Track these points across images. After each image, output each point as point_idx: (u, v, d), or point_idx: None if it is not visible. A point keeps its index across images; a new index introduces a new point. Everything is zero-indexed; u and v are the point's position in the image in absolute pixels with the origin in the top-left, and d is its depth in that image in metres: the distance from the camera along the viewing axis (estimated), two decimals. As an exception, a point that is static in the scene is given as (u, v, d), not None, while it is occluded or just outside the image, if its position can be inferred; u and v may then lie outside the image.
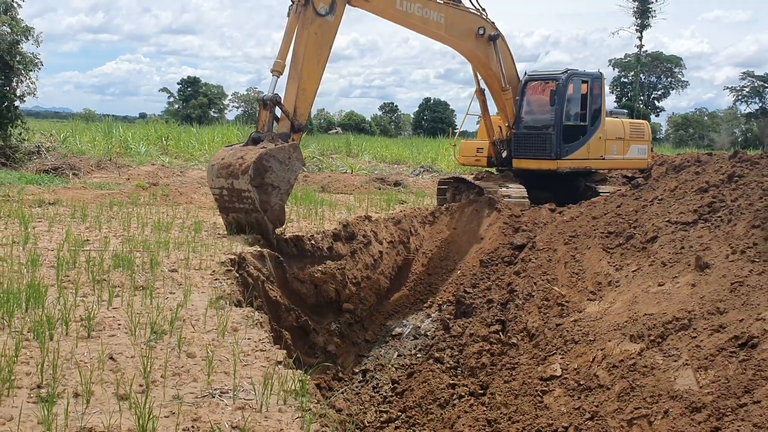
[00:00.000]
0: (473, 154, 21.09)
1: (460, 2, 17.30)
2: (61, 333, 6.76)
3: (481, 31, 17.57)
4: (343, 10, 14.05)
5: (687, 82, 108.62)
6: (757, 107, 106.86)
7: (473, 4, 17.61)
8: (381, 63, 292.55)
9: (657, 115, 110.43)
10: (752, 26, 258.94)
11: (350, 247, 14.00)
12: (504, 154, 19.61)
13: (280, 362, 6.36)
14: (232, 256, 10.52)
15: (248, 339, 7.02)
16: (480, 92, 19.61)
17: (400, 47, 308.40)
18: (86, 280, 8.79)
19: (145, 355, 6.06)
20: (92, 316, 7.05)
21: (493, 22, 17.90)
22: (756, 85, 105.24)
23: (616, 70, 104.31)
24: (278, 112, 13.54)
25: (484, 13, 17.77)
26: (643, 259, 9.32)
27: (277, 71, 13.62)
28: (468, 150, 21.45)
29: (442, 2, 16.69)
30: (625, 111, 25.97)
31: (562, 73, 19.06)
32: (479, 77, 19.13)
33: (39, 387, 5.47)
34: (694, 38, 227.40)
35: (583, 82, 19.33)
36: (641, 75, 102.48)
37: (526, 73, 19.75)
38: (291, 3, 13.68)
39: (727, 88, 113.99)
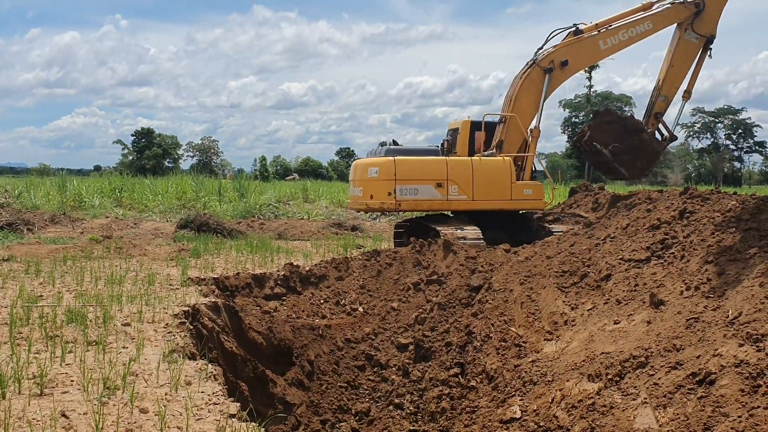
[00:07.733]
0: None
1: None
2: (14, 391, 6.63)
3: None
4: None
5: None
6: (709, 143, 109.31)
7: None
8: (338, 108, 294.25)
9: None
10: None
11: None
12: None
13: (233, 415, 6.28)
14: (186, 308, 10.40)
15: (202, 392, 6.92)
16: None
17: (357, 93, 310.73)
18: (39, 336, 8.66)
19: (98, 411, 5.96)
20: (45, 373, 6.94)
21: None
22: (707, 120, 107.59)
23: (567, 110, 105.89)
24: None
25: None
26: (598, 297, 9.37)
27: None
28: None
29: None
30: None
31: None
32: None
33: (-11, 448, 5.37)
34: (647, 77, 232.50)
35: None
36: (591, 115, 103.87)
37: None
38: None
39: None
